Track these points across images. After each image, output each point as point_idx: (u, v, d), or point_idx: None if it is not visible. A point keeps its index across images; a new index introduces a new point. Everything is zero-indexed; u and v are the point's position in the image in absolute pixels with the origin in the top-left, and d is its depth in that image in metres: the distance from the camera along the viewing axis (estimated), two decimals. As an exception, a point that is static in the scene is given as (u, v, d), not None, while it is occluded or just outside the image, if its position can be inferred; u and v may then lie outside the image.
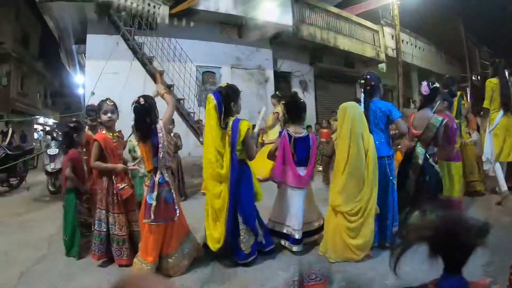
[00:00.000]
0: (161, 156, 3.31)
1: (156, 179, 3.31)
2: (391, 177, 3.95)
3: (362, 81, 4.17)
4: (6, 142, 11.71)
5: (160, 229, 3.32)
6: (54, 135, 9.03)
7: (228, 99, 3.58)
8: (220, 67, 12.42)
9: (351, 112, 3.67)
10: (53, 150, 8.22)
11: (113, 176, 3.72)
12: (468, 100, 9.90)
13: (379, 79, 4.21)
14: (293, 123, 4.05)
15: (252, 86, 12.55)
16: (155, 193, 3.26)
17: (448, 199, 4.56)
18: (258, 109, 7.65)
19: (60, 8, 10.31)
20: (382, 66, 18.42)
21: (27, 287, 3.42)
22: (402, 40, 17.44)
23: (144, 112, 3.30)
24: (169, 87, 10.62)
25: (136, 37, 10.65)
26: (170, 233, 3.41)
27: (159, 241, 3.33)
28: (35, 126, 29.12)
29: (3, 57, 22.54)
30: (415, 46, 20.89)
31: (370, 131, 3.80)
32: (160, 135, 3.32)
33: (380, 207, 3.73)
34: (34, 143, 17.57)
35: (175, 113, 10.24)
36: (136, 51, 10.52)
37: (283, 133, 3.97)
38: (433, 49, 23.27)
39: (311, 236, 4.03)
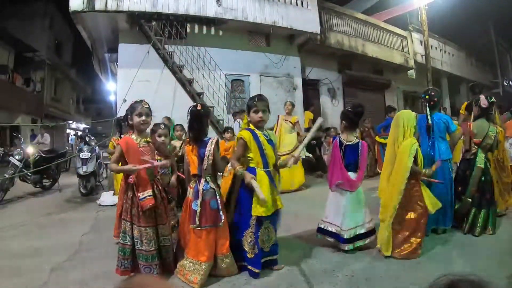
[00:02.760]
0: (204, 167, 3.44)
1: (200, 186, 3.42)
2: (450, 176, 4.64)
3: (427, 96, 4.71)
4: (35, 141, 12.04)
5: (207, 233, 3.39)
6: (87, 139, 9.31)
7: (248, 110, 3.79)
8: (249, 75, 12.47)
9: (403, 118, 4.01)
10: (85, 154, 8.48)
11: (134, 183, 3.39)
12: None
13: (440, 94, 4.70)
14: (347, 131, 4.29)
15: (280, 94, 12.57)
16: (199, 200, 3.37)
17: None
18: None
19: (92, 18, 10.64)
20: (411, 72, 18.14)
21: (57, 283, 3.51)
22: (431, 46, 17.08)
23: (198, 116, 3.51)
24: (198, 95, 10.79)
25: (166, 46, 10.88)
26: (219, 236, 3.45)
27: (208, 243, 3.39)
28: (68, 130, 29.94)
29: (37, 64, 23.38)
30: (445, 52, 20.40)
31: (433, 139, 4.52)
32: (208, 148, 3.45)
33: (441, 201, 4.05)
34: (66, 147, 18.04)
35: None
36: (167, 60, 10.75)
37: (335, 140, 4.32)
38: (463, 55, 22.67)
39: (364, 239, 4.15)
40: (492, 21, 24.96)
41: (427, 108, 4.62)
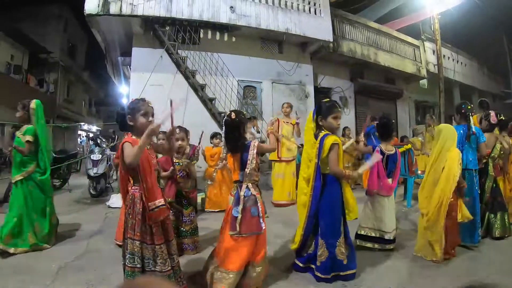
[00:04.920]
0: (247, 172, 3.32)
1: (242, 193, 3.29)
2: (476, 188, 4.77)
3: (469, 107, 4.97)
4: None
5: (245, 241, 3.24)
6: (98, 141, 9.37)
7: (319, 113, 3.74)
8: (261, 82, 12.50)
9: (444, 132, 4.29)
10: (96, 156, 8.54)
11: (144, 189, 2.89)
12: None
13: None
14: (384, 141, 4.64)
15: (292, 101, 12.41)
16: (241, 206, 3.24)
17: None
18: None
19: (107, 22, 10.74)
20: (424, 82, 18.08)
21: (64, 283, 3.53)
22: (444, 55, 16.99)
23: (233, 126, 3.36)
24: (210, 100, 10.84)
25: (179, 51, 10.95)
26: (257, 243, 3.33)
27: (243, 252, 3.24)
28: (79, 132, 30.22)
29: (51, 66, 23.67)
30: (457, 61, 20.25)
31: (468, 149, 4.79)
32: (250, 153, 3.34)
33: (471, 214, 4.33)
34: (78, 148, 18.17)
35: (217, 125, 10.53)
36: (180, 65, 10.82)
37: (375, 150, 4.53)
38: (475, 64, 22.48)
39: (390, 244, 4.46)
40: (505, 30, 24.64)
41: (469, 118, 4.89)
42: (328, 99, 3.90)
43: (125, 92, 19.48)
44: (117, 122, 3.17)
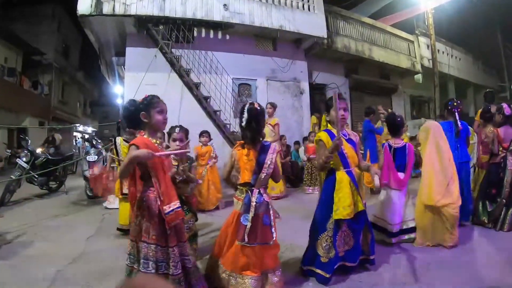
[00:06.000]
0: (262, 176, 3.11)
1: (253, 198, 3.05)
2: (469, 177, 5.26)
3: (455, 104, 5.30)
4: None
5: (255, 251, 3.03)
6: (94, 142, 9.34)
7: (325, 110, 3.86)
8: (256, 79, 12.44)
9: (433, 129, 4.63)
10: (92, 157, 8.51)
11: (160, 192, 2.75)
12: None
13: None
14: (394, 136, 4.82)
15: (287, 98, 12.56)
16: (251, 214, 3.00)
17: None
18: (294, 121, 7.70)
19: (100, 22, 10.65)
20: (418, 77, 18.12)
21: (62, 283, 3.54)
22: (438, 50, 17.08)
23: (257, 114, 3.19)
24: (205, 99, 10.81)
25: (173, 50, 10.89)
26: (268, 252, 3.12)
27: (252, 260, 3.03)
28: (74, 133, 30.12)
29: (45, 67, 23.58)
30: (452, 56, 20.38)
31: (461, 144, 5.15)
32: (270, 156, 3.15)
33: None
34: (73, 150, 18.12)
35: (212, 124, 10.52)
36: (174, 64, 10.77)
37: (385, 145, 4.77)
38: (470, 59, 22.65)
39: (410, 233, 4.57)
40: (499, 24, 24.74)
41: (456, 114, 5.18)
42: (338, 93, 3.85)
43: (119, 92, 19.42)
44: (124, 118, 3.01)
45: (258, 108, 3.22)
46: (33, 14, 23.02)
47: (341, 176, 3.49)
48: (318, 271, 3.44)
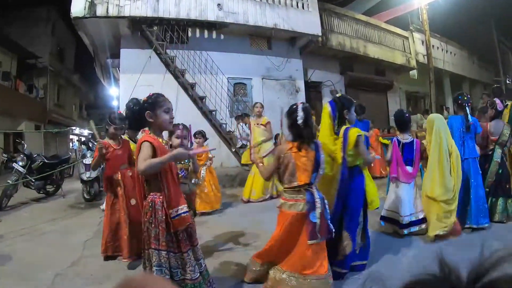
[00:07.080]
0: (321, 173, 3.12)
1: (316, 195, 3.03)
2: (479, 175, 5.04)
3: (465, 98, 5.18)
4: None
5: (322, 246, 3.06)
6: (90, 145, 9.31)
7: (342, 108, 3.67)
8: (251, 78, 12.47)
9: (437, 123, 4.66)
10: (88, 160, 8.46)
11: (166, 194, 2.65)
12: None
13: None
14: (401, 132, 4.95)
15: (283, 97, 12.56)
16: (319, 210, 2.98)
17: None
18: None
19: (94, 24, 10.66)
20: (413, 73, 18.14)
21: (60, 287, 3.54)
22: (433, 46, 17.04)
23: (310, 113, 3.18)
24: (201, 99, 10.81)
25: (168, 51, 10.92)
26: (321, 250, 3.09)
27: (313, 256, 3.02)
28: (71, 136, 29.96)
29: (40, 70, 23.40)
30: (446, 51, 20.40)
31: (464, 139, 5.04)
32: (322, 152, 3.15)
33: (467, 197, 4.87)
34: (70, 153, 18.07)
35: (208, 123, 10.53)
36: (168, 65, 10.79)
37: (393, 140, 4.92)
38: (465, 54, 22.67)
39: (420, 224, 4.68)
40: (494, 19, 24.80)
41: (467, 108, 5.06)
42: (341, 94, 4.04)
43: (115, 94, 19.38)
44: (127, 118, 2.97)
45: (308, 106, 3.26)
46: (27, 17, 22.84)
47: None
48: (335, 268, 3.44)
